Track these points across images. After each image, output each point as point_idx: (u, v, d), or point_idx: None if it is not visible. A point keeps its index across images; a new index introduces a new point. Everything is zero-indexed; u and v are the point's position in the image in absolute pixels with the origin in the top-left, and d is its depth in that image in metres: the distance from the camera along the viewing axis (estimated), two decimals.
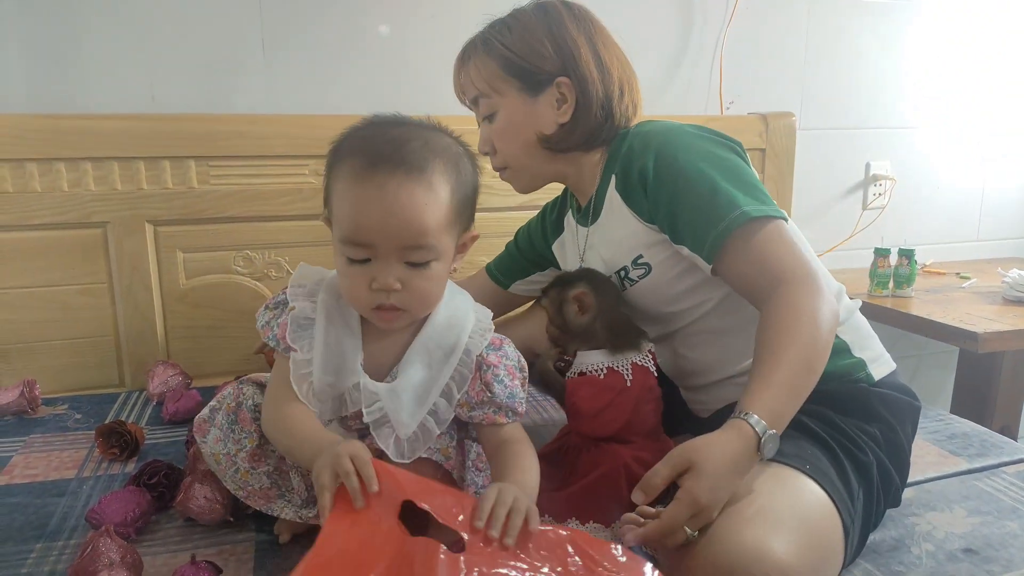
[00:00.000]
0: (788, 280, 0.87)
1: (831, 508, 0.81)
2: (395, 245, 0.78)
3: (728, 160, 0.97)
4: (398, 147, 0.79)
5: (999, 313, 1.62)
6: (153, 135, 1.39)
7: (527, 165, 1.09)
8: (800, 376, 0.83)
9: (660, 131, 1.01)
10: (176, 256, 1.44)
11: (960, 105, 2.04)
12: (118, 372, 1.46)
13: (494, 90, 1.05)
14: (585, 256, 1.15)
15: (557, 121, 1.05)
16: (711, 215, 0.92)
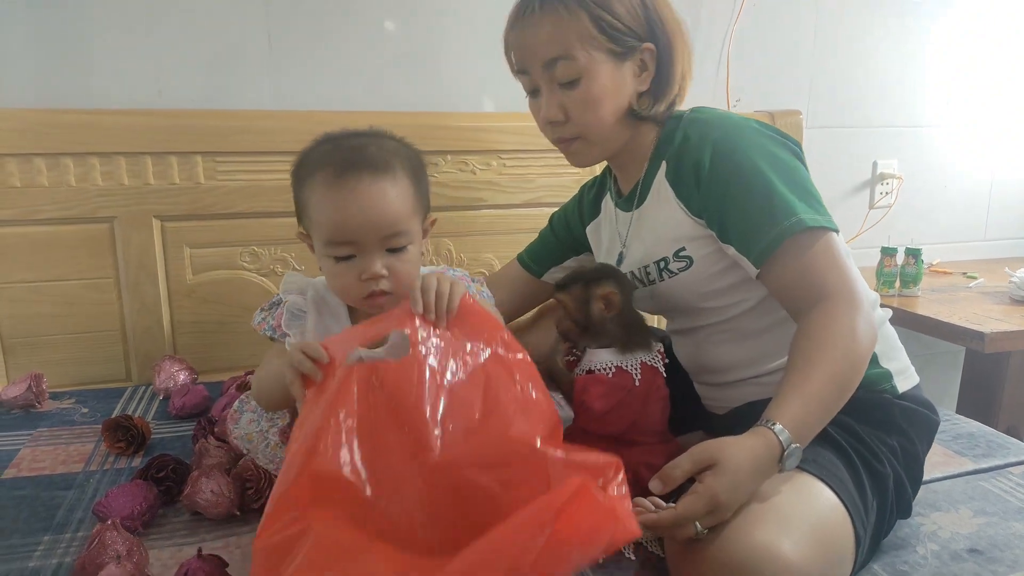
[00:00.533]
0: (831, 296, 0.87)
1: (844, 515, 0.80)
2: (376, 236, 0.87)
3: (787, 161, 0.94)
4: (359, 153, 0.89)
5: (1006, 313, 1.61)
6: (160, 130, 1.39)
7: (606, 137, 1.01)
8: (831, 392, 0.83)
9: (720, 123, 0.98)
10: (183, 251, 1.44)
11: (968, 104, 2.03)
12: (125, 367, 1.47)
13: (583, 51, 0.95)
14: (627, 243, 1.10)
15: (636, 90, 1.00)
16: (765, 219, 0.90)
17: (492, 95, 1.62)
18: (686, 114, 1.03)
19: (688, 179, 0.97)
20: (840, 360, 0.83)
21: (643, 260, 1.05)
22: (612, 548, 0.63)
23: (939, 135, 2.02)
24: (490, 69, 1.60)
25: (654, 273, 1.04)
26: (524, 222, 1.62)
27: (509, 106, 1.63)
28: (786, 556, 0.71)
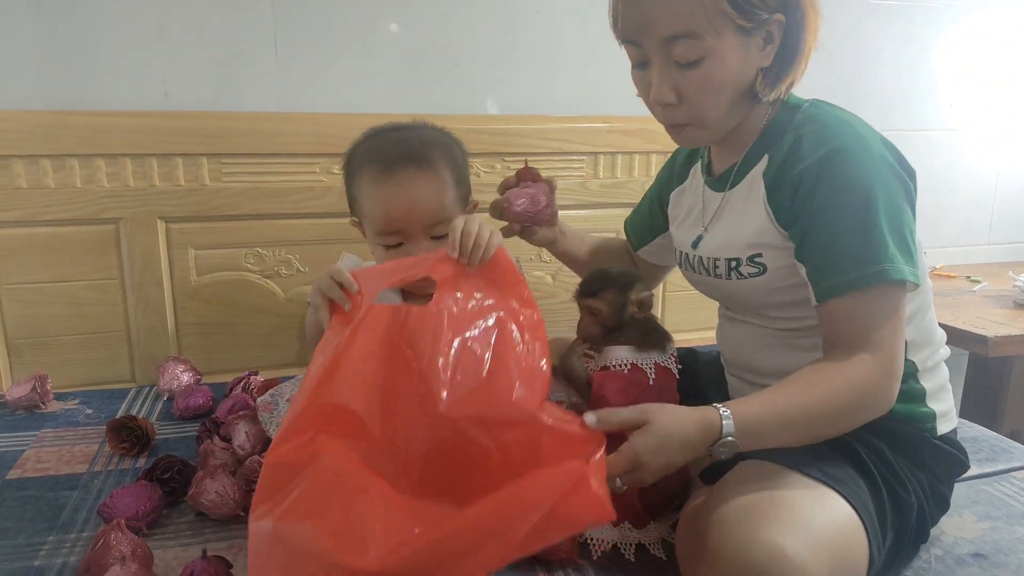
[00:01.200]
0: (870, 351, 0.83)
1: (861, 531, 0.79)
2: (421, 227, 0.97)
3: (896, 197, 0.86)
4: (404, 147, 0.98)
5: (1010, 317, 1.61)
6: (166, 132, 1.40)
7: (721, 122, 0.91)
8: (799, 423, 0.83)
9: (841, 131, 0.87)
10: (187, 253, 1.45)
11: (971, 108, 2.03)
12: (129, 368, 1.47)
13: (712, 28, 0.83)
14: (710, 226, 1.01)
15: (758, 65, 0.88)
16: (849, 258, 0.84)
17: (496, 98, 1.63)
18: (804, 106, 0.93)
19: (786, 186, 0.88)
20: (829, 406, 0.83)
21: (715, 252, 0.99)
22: (588, 527, 0.70)
23: (942, 139, 2.02)
24: (495, 72, 1.61)
25: (723, 269, 0.98)
26: None
27: (513, 109, 1.63)
28: (796, 559, 0.70)
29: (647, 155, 1.66)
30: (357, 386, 0.75)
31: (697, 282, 1.08)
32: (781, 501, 0.77)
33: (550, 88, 1.65)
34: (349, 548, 0.64)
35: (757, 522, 0.73)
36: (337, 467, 0.71)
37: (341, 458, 0.72)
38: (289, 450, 0.73)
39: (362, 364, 0.76)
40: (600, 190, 1.65)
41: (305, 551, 0.66)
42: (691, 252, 1.05)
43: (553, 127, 1.60)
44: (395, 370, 0.75)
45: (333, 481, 0.70)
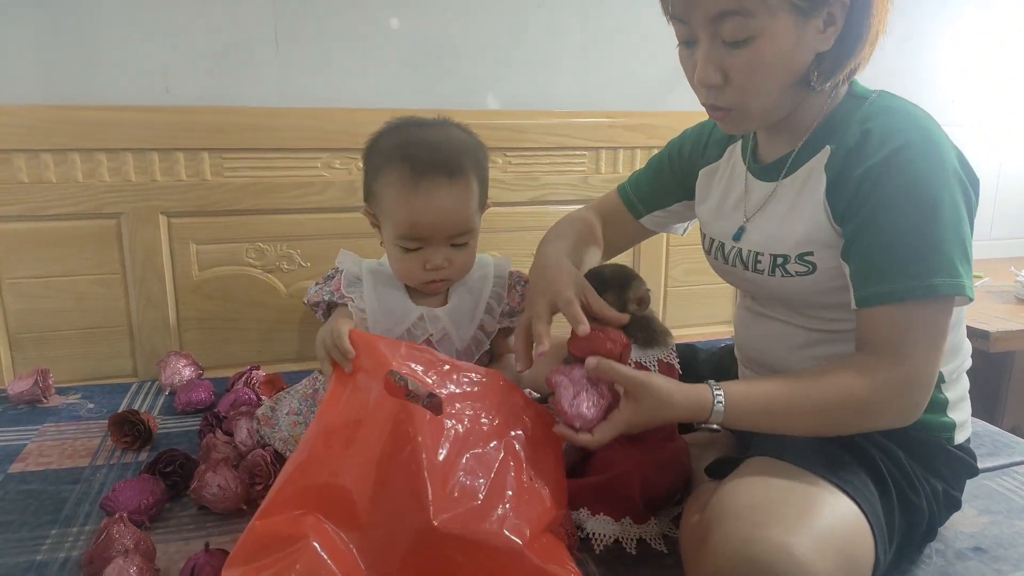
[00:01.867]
0: (901, 364, 0.81)
1: (868, 533, 0.78)
2: (446, 234, 0.98)
3: (960, 205, 0.81)
4: (436, 155, 0.96)
5: (1012, 312, 1.61)
6: (167, 127, 1.40)
7: (769, 109, 0.86)
8: (786, 420, 0.83)
9: (913, 127, 0.82)
10: (189, 247, 1.45)
11: (973, 104, 2.02)
12: (131, 362, 1.47)
13: (765, 6, 0.77)
14: (753, 217, 0.95)
15: (816, 50, 0.82)
16: (901, 263, 0.80)
17: (498, 93, 1.63)
18: (872, 97, 0.88)
19: (849, 183, 0.83)
20: (823, 420, 0.83)
21: (759, 247, 0.93)
22: None
23: None
24: (496, 67, 1.61)
25: (766, 265, 0.92)
26: (529, 220, 1.62)
27: (514, 104, 1.63)
28: (801, 558, 0.69)
29: (649, 150, 1.66)
30: (354, 467, 0.77)
31: (728, 274, 1.02)
32: (788, 499, 0.76)
33: (552, 83, 1.64)
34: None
35: (763, 519, 0.72)
36: (319, 562, 0.72)
37: (326, 547, 0.73)
38: (278, 522, 0.75)
39: (364, 447, 0.78)
40: (602, 185, 1.65)
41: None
42: (729, 243, 0.99)
43: (555, 122, 1.59)
44: (395, 465, 0.77)
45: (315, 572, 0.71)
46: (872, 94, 0.89)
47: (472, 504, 0.75)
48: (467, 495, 0.76)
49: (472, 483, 0.77)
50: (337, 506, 0.76)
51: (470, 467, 0.78)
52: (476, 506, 0.75)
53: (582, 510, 0.94)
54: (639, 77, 1.68)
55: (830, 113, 0.89)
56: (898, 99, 0.88)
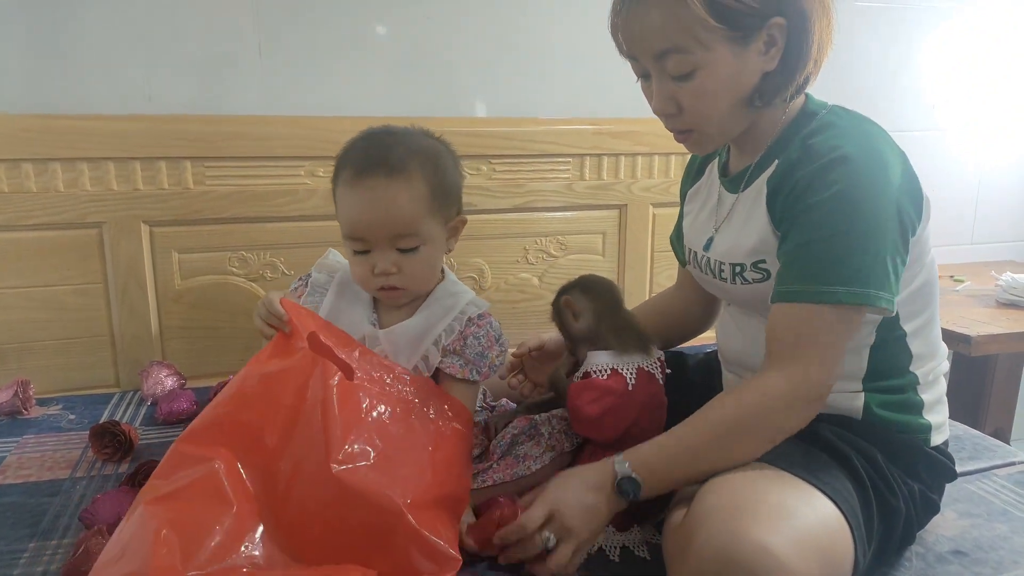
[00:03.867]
0: (791, 363, 0.84)
1: (847, 534, 0.79)
2: (385, 235, 0.94)
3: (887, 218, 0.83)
4: (381, 153, 0.95)
5: (992, 316, 1.62)
6: (149, 135, 1.39)
7: (724, 128, 0.91)
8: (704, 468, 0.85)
9: (852, 140, 0.85)
10: (171, 257, 1.44)
11: (955, 110, 2.04)
12: (113, 372, 1.46)
13: (698, 43, 0.83)
14: (720, 228, 1.00)
15: (762, 70, 0.87)
16: (812, 267, 0.83)
17: (485, 100, 1.63)
18: (822, 113, 0.91)
19: (784, 191, 0.87)
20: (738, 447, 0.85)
21: (722, 256, 0.98)
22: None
23: (926, 140, 2.04)
24: (481, 74, 1.61)
25: (727, 274, 0.98)
26: (514, 227, 1.63)
27: (499, 111, 1.63)
28: (782, 558, 0.70)
29: (633, 157, 1.67)
30: (269, 409, 0.85)
31: (705, 282, 1.07)
32: (768, 500, 0.77)
33: (537, 91, 1.65)
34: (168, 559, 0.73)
35: (744, 520, 0.73)
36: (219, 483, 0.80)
37: (230, 474, 0.82)
38: (195, 446, 0.84)
39: (282, 392, 0.86)
40: (586, 192, 1.66)
41: (141, 542, 0.75)
42: (701, 252, 1.03)
43: (540, 129, 1.60)
44: (305, 412, 0.84)
45: (210, 491, 0.80)
46: (823, 110, 0.92)
47: (367, 461, 0.82)
48: (365, 453, 0.82)
49: (372, 444, 0.84)
50: (247, 440, 0.84)
51: (374, 430, 0.85)
52: (370, 464, 0.82)
53: None
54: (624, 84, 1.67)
55: (783, 128, 0.93)
56: (847, 114, 0.91)
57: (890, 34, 1.93)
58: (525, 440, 1.04)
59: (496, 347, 1.02)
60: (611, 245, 1.71)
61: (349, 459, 0.80)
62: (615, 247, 1.71)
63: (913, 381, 0.94)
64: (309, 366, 0.86)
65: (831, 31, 0.89)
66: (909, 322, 0.93)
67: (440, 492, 0.86)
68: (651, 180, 1.69)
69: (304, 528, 0.81)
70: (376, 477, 0.81)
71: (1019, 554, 0.93)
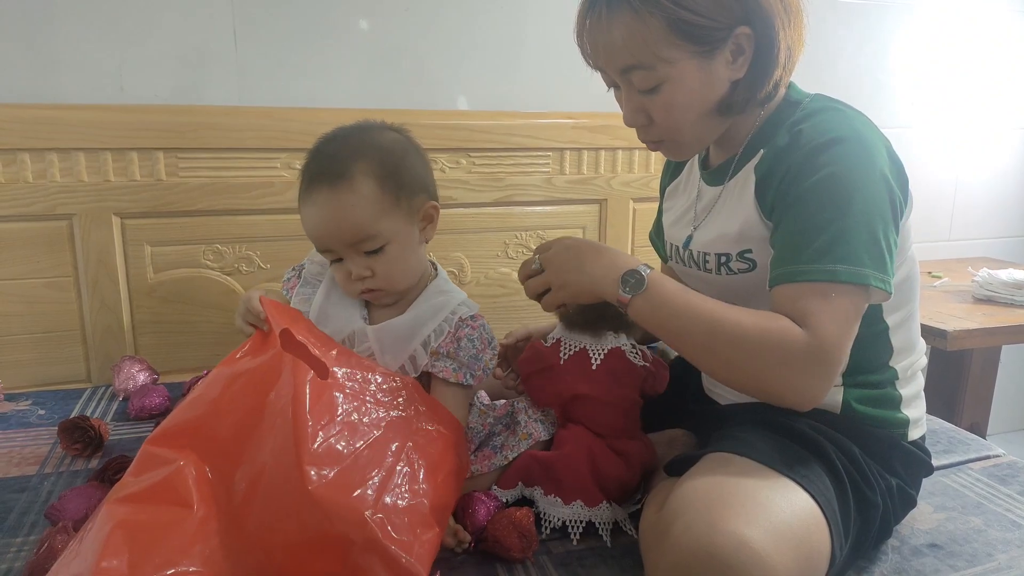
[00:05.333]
0: (813, 334, 0.79)
1: (823, 526, 0.78)
2: (344, 244, 0.93)
3: (879, 201, 0.83)
4: (325, 163, 0.94)
5: (969, 312, 1.64)
6: (121, 126, 1.36)
7: (697, 136, 0.91)
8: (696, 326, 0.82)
9: (839, 126, 0.85)
10: (144, 249, 1.42)
11: (933, 107, 2.06)
12: (84, 367, 1.44)
13: (661, 59, 0.83)
14: (703, 221, 0.99)
15: (730, 79, 0.87)
16: (809, 248, 0.81)
17: (463, 93, 1.62)
18: (805, 101, 0.91)
19: (774, 177, 0.86)
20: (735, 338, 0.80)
21: (706, 247, 0.97)
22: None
23: (904, 137, 2.05)
24: (459, 67, 1.60)
25: (712, 264, 0.96)
26: (494, 221, 1.62)
27: (478, 105, 1.62)
28: (759, 550, 0.70)
29: (613, 151, 1.66)
30: (239, 415, 0.82)
31: (687, 276, 1.06)
32: (746, 492, 0.76)
33: (516, 84, 1.64)
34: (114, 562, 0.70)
35: (721, 512, 0.73)
36: (182, 486, 0.78)
37: (196, 476, 0.79)
38: (163, 447, 0.82)
39: (252, 390, 0.82)
40: (566, 186, 1.65)
41: (93, 541, 0.73)
42: (682, 246, 1.03)
43: (518, 123, 1.59)
44: (276, 417, 0.80)
45: (171, 493, 0.78)
46: (806, 98, 0.92)
47: (335, 466, 0.77)
48: (333, 456, 0.78)
49: (343, 447, 0.79)
50: (213, 442, 0.81)
51: (346, 432, 0.81)
52: (339, 469, 0.77)
53: (536, 488, 0.95)
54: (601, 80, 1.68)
55: (766, 119, 0.93)
56: (832, 101, 0.91)
57: (866, 30, 1.94)
58: (502, 430, 1.04)
59: (489, 350, 1.00)
60: (591, 240, 1.70)
61: (315, 461, 0.76)
62: None
63: (892, 376, 0.94)
64: (280, 364, 0.83)
65: (801, 33, 0.89)
66: (892, 315, 0.93)
67: (415, 500, 0.82)
68: (631, 175, 1.69)
69: (266, 532, 0.77)
70: (343, 482, 0.77)
71: (992, 547, 0.94)
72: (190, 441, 0.82)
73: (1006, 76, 2.11)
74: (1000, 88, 2.11)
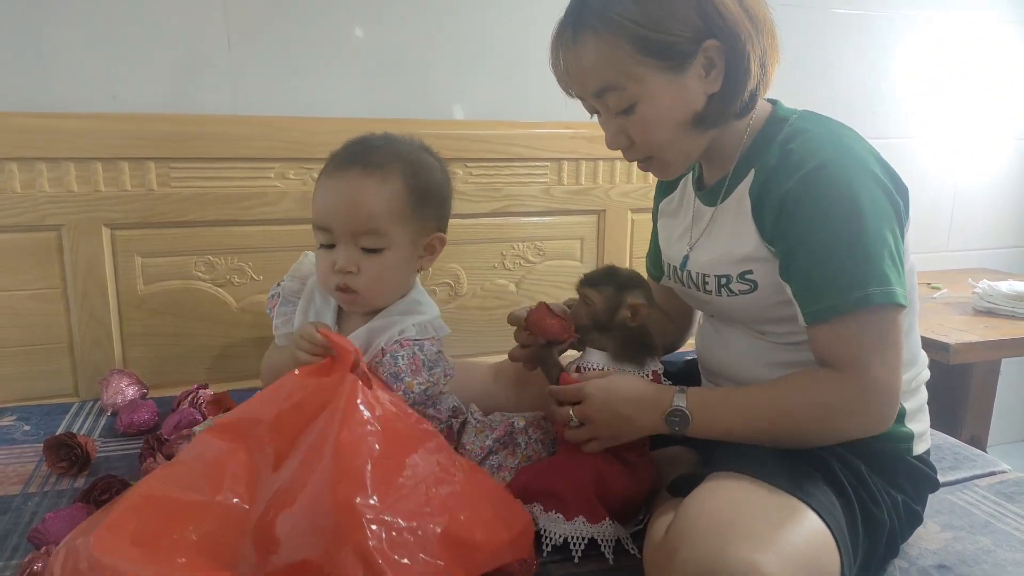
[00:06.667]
0: (858, 376, 0.82)
1: (833, 548, 0.77)
2: (348, 228, 0.93)
3: (885, 216, 0.83)
4: (367, 151, 0.96)
5: (969, 324, 1.63)
6: (112, 135, 1.33)
7: (681, 152, 0.90)
8: (754, 419, 0.86)
9: (827, 145, 0.85)
10: (134, 261, 1.39)
11: (931, 118, 2.05)
12: (72, 381, 1.40)
13: (630, 78, 0.84)
14: (699, 241, 0.99)
15: (706, 93, 0.86)
16: (833, 282, 0.82)
17: (461, 103, 1.60)
18: (792, 118, 0.91)
19: (771, 205, 0.86)
20: (792, 417, 0.85)
21: (705, 268, 0.97)
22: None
23: (902, 147, 2.04)
24: (457, 77, 1.58)
25: (712, 286, 0.96)
26: (490, 232, 1.60)
27: (476, 114, 1.60)
28: (767, 573, 0.68)
29: (611, 162, 1.65)
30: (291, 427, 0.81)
31: (687, 296, 1.06)
32: (754, 514, 0.75)
33: (514, 93, 1.62)
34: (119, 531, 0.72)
35: (729, 537, 0.71)
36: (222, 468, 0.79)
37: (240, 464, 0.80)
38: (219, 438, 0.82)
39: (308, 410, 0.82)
40: (564, 196, 1.63)
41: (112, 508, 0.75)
42: (680, 267, 1.02)
43: (516, 132, 1.57)
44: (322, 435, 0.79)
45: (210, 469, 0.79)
46: (793, 115, 0.92)
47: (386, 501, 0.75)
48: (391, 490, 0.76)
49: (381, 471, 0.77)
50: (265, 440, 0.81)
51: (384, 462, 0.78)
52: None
53: (535, 505, 0.92)
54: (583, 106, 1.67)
55: (754, 137, 0.92)
56: (819, 118, 0.91)
57: (866, 41, 1.93)
58: (500, 449, 1.01)
59: (424, 372, 0.96)
60: (589, 251, 1.68)
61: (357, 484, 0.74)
62: (593, 253, 1.69)
63: None
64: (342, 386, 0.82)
65: (774, 43, 0.89)
66: None
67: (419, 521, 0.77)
68: (629, 185, 1.67)
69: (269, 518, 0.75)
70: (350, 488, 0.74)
71: (1002, 568, 0.91)
72: (243, 436, 0.82)
73: (1003, 87, 2.10)
74: (997, 99, 2.11)
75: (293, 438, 0.81)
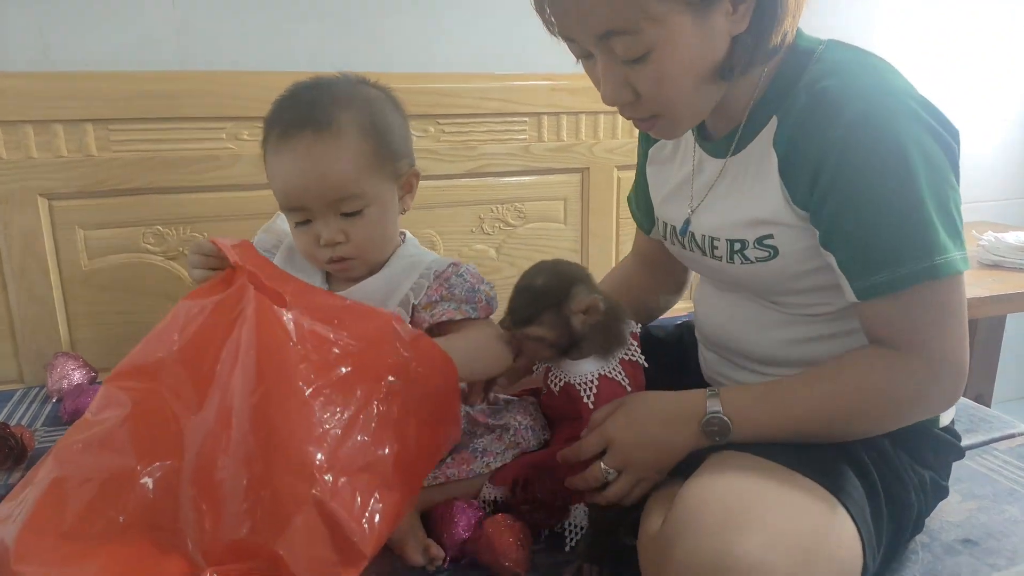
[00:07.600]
0: (919, 355, 0.72)
1: (856, 541, 0.69)
2: (323, 202, 0.85)
3: (941, 168, 0.71)
4: (306, 109, 0.85)
5: (975, 277, 1.56)
6: (44, 96, 1.21)
7: (694, 108, 0.76)
8: (806, 422, 0.74)
9: (866, 86, 0.71)
10: (76, 234, 1.27)
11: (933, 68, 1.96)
12: (15, 365, 1.30)
13: (648, 18, 0.68)
14: (705, 198, 0.85)
15: (731, 34, 0.72)
16: (890, 252, 0.70)
17: (429, 54, 1.48)
18: (818, 51, 0.76)
19: (805, 162, 0.73)
20: (849, 411, 0.74)
21: (713, 231, 0.84)
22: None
23: None
24: (425, 26, 1.46)
25: (723, 251, 0.83)
26: (466, 194, 1.49)
27: (446, 66, 1.49)
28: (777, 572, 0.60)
29: (595, 115, 1.54)
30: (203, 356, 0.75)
31: (689, 260, 0.93)
32: (764, 504, 0.66)
33: (487, 42, 1.51)
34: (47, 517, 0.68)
35: (737, 532, 0.62)
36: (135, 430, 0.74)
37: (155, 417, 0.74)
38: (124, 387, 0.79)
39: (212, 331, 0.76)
40: (545, 154, 1.53)
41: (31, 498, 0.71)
42: (680, 228, 0.89)
43: (492, 86, 1.46)
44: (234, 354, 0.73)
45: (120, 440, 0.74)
46: (819, 46, 0.77)
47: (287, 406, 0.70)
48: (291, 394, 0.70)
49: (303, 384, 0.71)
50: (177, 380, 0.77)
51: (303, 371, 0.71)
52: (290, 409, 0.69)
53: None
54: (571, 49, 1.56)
55: (773, 76, 0.77)
56: (851, 49, 0.77)
57: (862, 33, 1.83)
58: (485, 432, 0.91)
59: (484, 284, 0.92)
60: (573, 212, 1.58)
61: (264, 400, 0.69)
62: (577, 214, 1.59)
63: None
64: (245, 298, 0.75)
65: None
66: None
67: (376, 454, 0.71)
68: (615, 141, 1.57)
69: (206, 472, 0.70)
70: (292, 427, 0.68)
71: None
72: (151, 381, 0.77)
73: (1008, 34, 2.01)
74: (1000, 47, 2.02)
75: (210, 368, 0.73)
